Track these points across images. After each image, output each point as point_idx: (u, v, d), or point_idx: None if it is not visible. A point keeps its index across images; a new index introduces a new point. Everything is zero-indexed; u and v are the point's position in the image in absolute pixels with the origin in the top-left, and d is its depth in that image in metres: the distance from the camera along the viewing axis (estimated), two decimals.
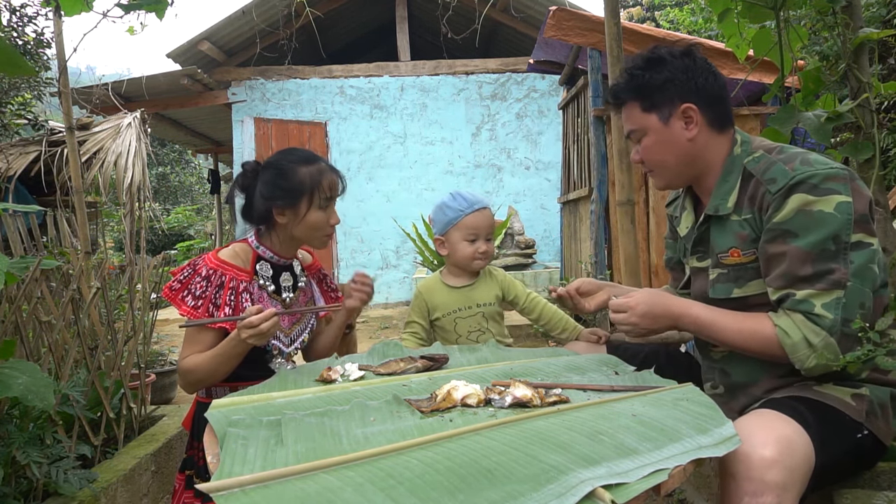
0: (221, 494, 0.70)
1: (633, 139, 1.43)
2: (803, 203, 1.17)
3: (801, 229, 1.16)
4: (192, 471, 1.46)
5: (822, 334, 1.12)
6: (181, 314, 1.41)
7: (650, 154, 1.39)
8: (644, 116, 1.37)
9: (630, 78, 1.38)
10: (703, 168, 1.37)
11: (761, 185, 1.24)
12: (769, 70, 3.40)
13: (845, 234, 1.14)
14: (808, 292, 1.15)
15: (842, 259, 1.14)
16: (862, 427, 1.15)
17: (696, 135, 1.34)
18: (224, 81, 7.47)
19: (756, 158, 1.30)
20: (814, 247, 1.15)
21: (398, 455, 0.82)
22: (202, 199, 16.32)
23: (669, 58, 1.35)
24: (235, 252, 1.49)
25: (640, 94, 1.37)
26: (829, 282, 1.14)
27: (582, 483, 0.74)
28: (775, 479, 0.98)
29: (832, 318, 1.12)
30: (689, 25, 7.32)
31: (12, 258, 1.86)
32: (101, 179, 4.24)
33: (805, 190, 1.16)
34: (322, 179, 1.48)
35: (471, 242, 1.73)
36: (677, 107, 1.33)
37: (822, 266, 1.14)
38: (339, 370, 1.28)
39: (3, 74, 5.20)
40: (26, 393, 1.23)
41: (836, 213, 1.14)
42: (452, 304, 1.78)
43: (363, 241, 7.62)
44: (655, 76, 1.34)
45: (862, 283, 1.13)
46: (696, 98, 1.33)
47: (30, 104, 6.42)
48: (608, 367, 1.34)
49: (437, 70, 7.64)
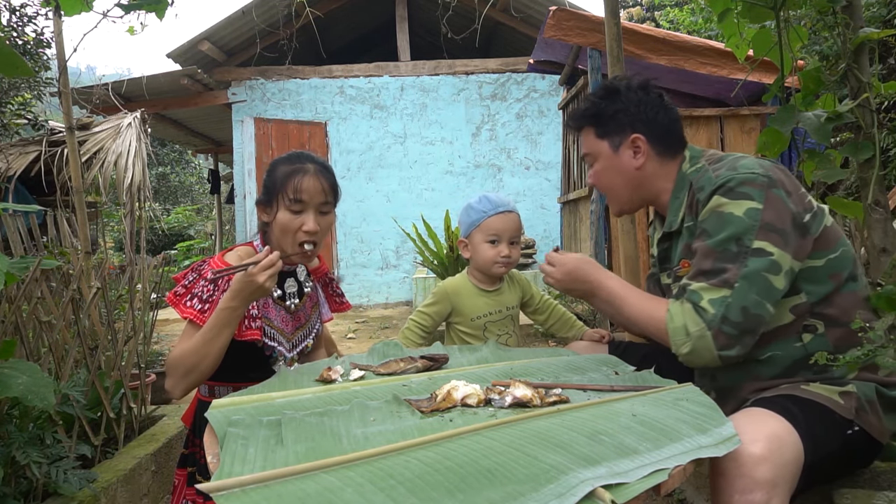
0: (221, 494, 0.70)
1: (588, 162, 1.53)
2: (717, 204, 1.25)
3: (712, 229, 1.24)
4: (193, 468, 1.45)
5: (700, 325, 1.19)
6: (185, 317, 1.38)
7: (600, 178, 1.51)
8: (597, 142, 1.48)
9: (588, 105, 1.50)
10: (653, 193, 1.47)
11: (695, 193, 1.33)
12: (769, 70, 3.40)
13: (748, 239, 1.19)
14: (700, 285, 1.22)
15: (740, 261, 1.19)
16: (852, 423, 1.16)
17: (644, 164, 1.43)
18: (224, 81, 7.47)
19: (697, 170, 1.38)
20: (717, 245, 1.22)
21: (398, 455, 0.82)
22: (202, 199, 16.32)
23: (625, 90, 1.46)
24: (240, 256, 1.47)
25: (594, 121, 1.48)
26: (720, 279, 1.20)
27: (582, 483, 0.74)
28: (765, 476, 0.99)
29: (713, 314, 1.18)
30: (689, 25, 7.32)
31: (12, 258, 1.86)
32: (101, 179, 4.24)
33: (721, 192, 1.24)
34: (290, 180, 1.41)
35: (492, 245, 1.70)
36: (627, 136, 1.43)
37: (719, 264, 1.21)
38: (339, 370, 1.28)
39: (3, 75, 5.19)
40: (26, 393, 1.23)
41: (744, 216, 1.20)
42: (483, 307, 1.74)
43: (363, 241, 7.62)
44: (610, 105, 1.45)
45: (749, 287, 1.18)
46: (646, 129, 1.43)
47: (30, 104, 6.43)
48: (608, 367, 1.34)
49: (437, 70, 7.64)
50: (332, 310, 1.71)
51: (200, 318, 1.36)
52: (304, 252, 1.45)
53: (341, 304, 1.73)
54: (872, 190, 1.69)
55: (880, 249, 1.65)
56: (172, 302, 1.40)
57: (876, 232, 1.66)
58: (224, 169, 11.76)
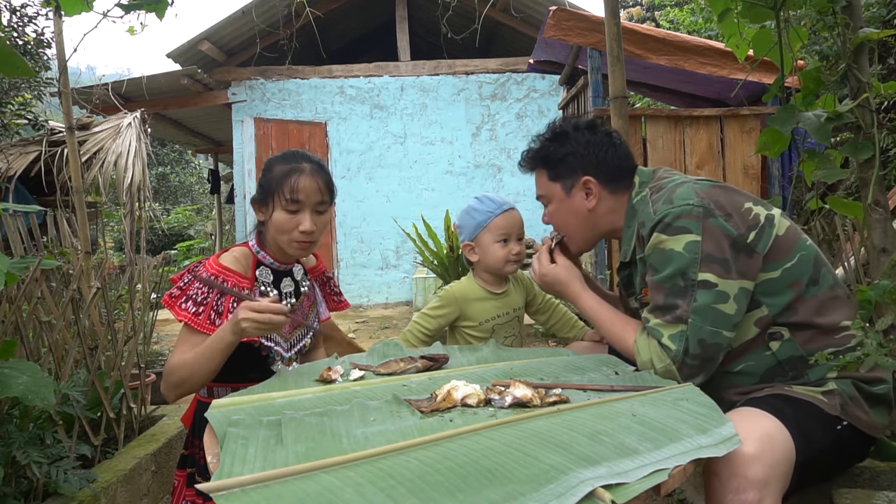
0: (221, 494, 0.70)
1: (543, 202, 1.56)
2: (657, 241, 1.27)
3: (658, 264, 1.28)
4: (192, 468, 1.45)
5: (665, 361, 1.23)
6: (180, 320, 1.38)
7: (554, 219, 1.54)
8: (549, 185, 1.50)
9: (539, 147, 1.51)
10: (608, 228, 1.50)
11: (639, 228, 1.36)
12: (769, 70, 3.40)
13: (692, 272, 1.22)
14: (658, 322, 1.26)
15: (689, 296, 1.22)
16: (840, 419, 1.17)
17: (596, 205, 1.46)
18: (224, 81, 7.46)
19: (641, 199, 1.40)
20: (665, 281, 1.26)
21: (398, 455, 0.82)
22: (202, 199, 16.32)
23: (573, 132, 1.47)
24: (235, 257, 1.47)
25: (545, 164, 1.50)
26: (673, 316, 1.24)
27: (582, 483, 0.74)
28: (757, 475, 1.00)
29: (675, 350, 1.22)
30: (689, 25, 7.31)
31: (12, 258, 1.86)
32: (101, 179, 4.24)
33: (660, 229, 1.27)
34: (286, 180, 1.40)
35: (503, 244, 1.71)
36: (578, 178, 1.45)
37: (671, 300, 1.25)
38: (339, 370, 1.28)
39: (3, 75, 5.19)
40: (26, 393, 1.23)
41: (685, 251, 1.23)
42: (492, 310, 1.73)
43: (363, 241, 7.62)
44: (559, 148, 1.47)
45: (702, 321, 1.21)
46: (596, 171, 1.44)
47: (30, 104, 6.43)
48: (608, 367, 1.34)
49: (437, 70, 7.64)
50: (330, 309, 1.71)
51: (195, 322, 1.36)
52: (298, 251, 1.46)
53: (339, 302, 1.72)
54: (872, 190, 1.69)
55: (880, 249, 1.65)
56: (168, 304, 1.40)
57: (876, 232, 1.66)
58: (224, 169, 11.75)
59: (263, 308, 1.23)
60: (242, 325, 1.23)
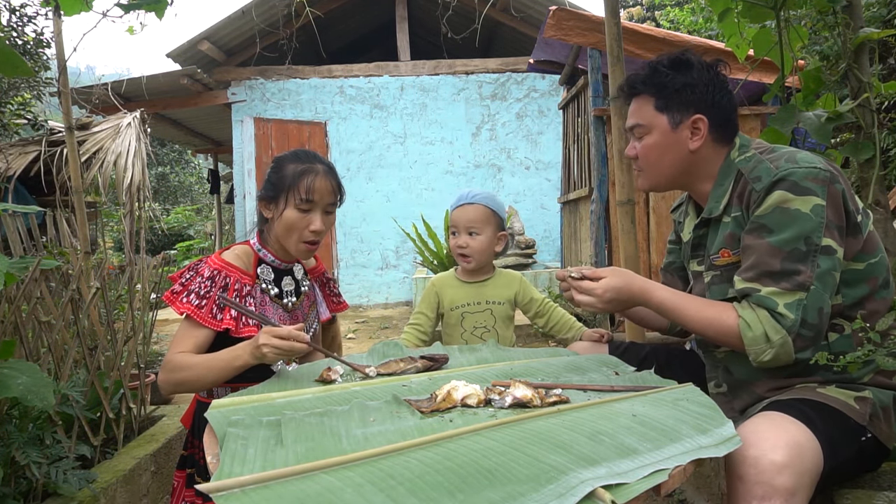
0: (221, 495, 0.70)
1: (635, 134, 1.40)
2: (781, 200, 1.18)
3: (776, 225, 1.18)
4: (192, 469, 1.45)
5: (781, 332, 1.14)
6: (181, 312, 1.37)
7: (648, 153, 1.38)
8: (655, 115, 1.35)
9: (652, 72, 1.36)
10: (697, 176, 1.38)
11: (748, 183, 1.25)
12: (769, 70, 3.39)
13: (816, 237, 1.15)
14: (773, 290, 1.16)
15: (810, 261, 1.15)
16: (865, 430, 1.15)
17: (700, 147, 1.34)
18: (224, 81, 7.46)
19: (747, 158, 1.31)
20: (785, 244, 1.16)
21: (398, 455, 0.82)
22: (202, 199, 16.32)
23: (697, 65, 1.34)
24: (237, 254, 1.48)
25: (657, 91, 1.35)
26: (794, 282, 1.15)
27: (582, 483, 0.74)
28: (785, 484, 0.97)
29: (793, 319, 1.14)
30: (689, 25, 7.31)
31: (12, 258, 1.86)
32: (101, 179, 4.24)
33: (785, 187, 1.18)
34: (302, 180, 1.42)
35: (453, 237, 1.79)
36: (689, 115, 1.33)
37: (790, 265, 1.16)
38: (339, 370, 1.28)
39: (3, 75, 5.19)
40: (26, 393, 1.23)
41: (812, 214, 1.16)
42: (462, 298, 1.80)
43: (363, 241, 7.62)
44: (678, 78, 1.33)
45: (824, 288, 1.15)
46: (709, 112, 1.33)
47: (29, 104, 6.42)
48: (608, 368, 1.33)
49: (436, 70, 7.64)
50: (330, 310, 1.71)
51: (198, 314, 1.36)
52: (305, 251, 1.47)
53: (339, 303, 1.73)
54: (872, 190, 1.69)
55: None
56: (170, 300, 1.40)
57: (876, 232, 1.66)
58: (224, 169, 11.75)
59: (286, 335, 1.21)
60: (263, 349, 1.21)
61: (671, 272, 1.63)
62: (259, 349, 1.22)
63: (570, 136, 4.68)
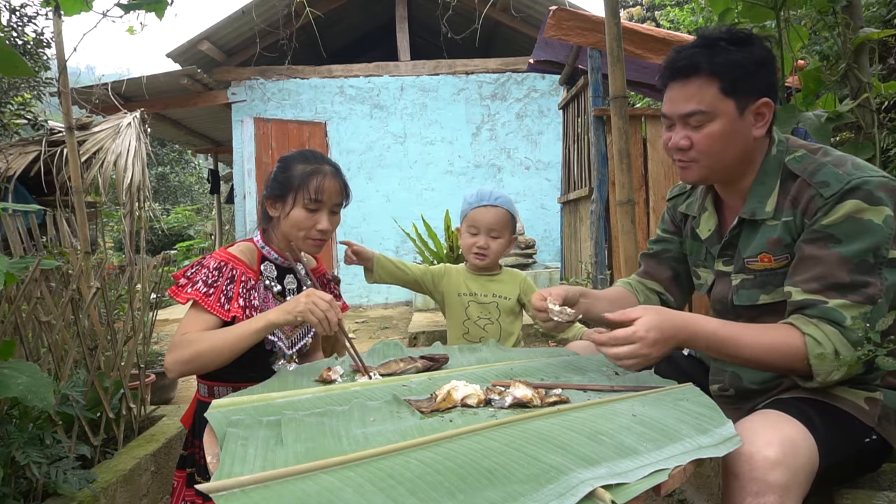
0: (221, 495, 0.70)
1: (691, 122, 1.22)
2: (855, 209, 1.10)
3: (847, 236, 1.10)
4: (192, 469, 1.45)
5: (850, 348, 1.08)
6: (187, 300, 1.36)
7: (710, 143, 1.21)
8: (720, 100, 1.18)
9: (713, 50, 1.17)
10: (745, 170, 1.26)
11: (809, 187, 1.15)
12: None
13: (885, 249, 1.10)
14: (841, 302, 1.09)
15: (877, 274, 1.10)
16: (871, 431, 1.14)
17: (761, 136, 1.22)
18: (224, 81, 7.46)
19: (798, 158, 1.21)
20: (855, 255, 1.10)
21: (398, 455, 0.82)
22: (202, 199, 16.33)
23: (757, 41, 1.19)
24: (241, 250, 1.49)
25: (724, 72, 1.17)
26: (864, 295, 1.09)
27: (582, 483, 0.74)
28: (778, 480, 0.97)
29: (862, 333, 1.08)
30: (689, 25, 7.31)
31: (12, 258, 1.86)
32: (101, 179, 4.24)
33: (860, 196, 1.10)
34: (311, 180, 1.44)
35: (471, 236, 1.81)
36: (756, 99, 1.19)
37: (859, 277, 1.09)
38: (339, 370, 1.28)
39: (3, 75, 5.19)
40: (26, 393, 1.23)
41: (884, 225, 1.09)
42: (470, 286, 1.84)
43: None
44: (748, 57, 1.17)
45: (888, 301, 1.10)
46: (773, 95, 1.20)
47: (29, 104, 6.42)
48: (608, 368, 1.33)
49: (437, 70, 7.64)
50: None
51: (205, 301, 1.35)
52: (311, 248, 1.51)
53: (339, 304, 1.73)
54: None
55: None
56: (175, 293, 1.39)
57: None
58: (224, 169, 11.76)
59: (330, 300, 1.27)
60: (304, 303, 1.25)
61: (661, 260, 1.55)
62: (300, 303, 1.25)
63: (570, 136, 4.68)
